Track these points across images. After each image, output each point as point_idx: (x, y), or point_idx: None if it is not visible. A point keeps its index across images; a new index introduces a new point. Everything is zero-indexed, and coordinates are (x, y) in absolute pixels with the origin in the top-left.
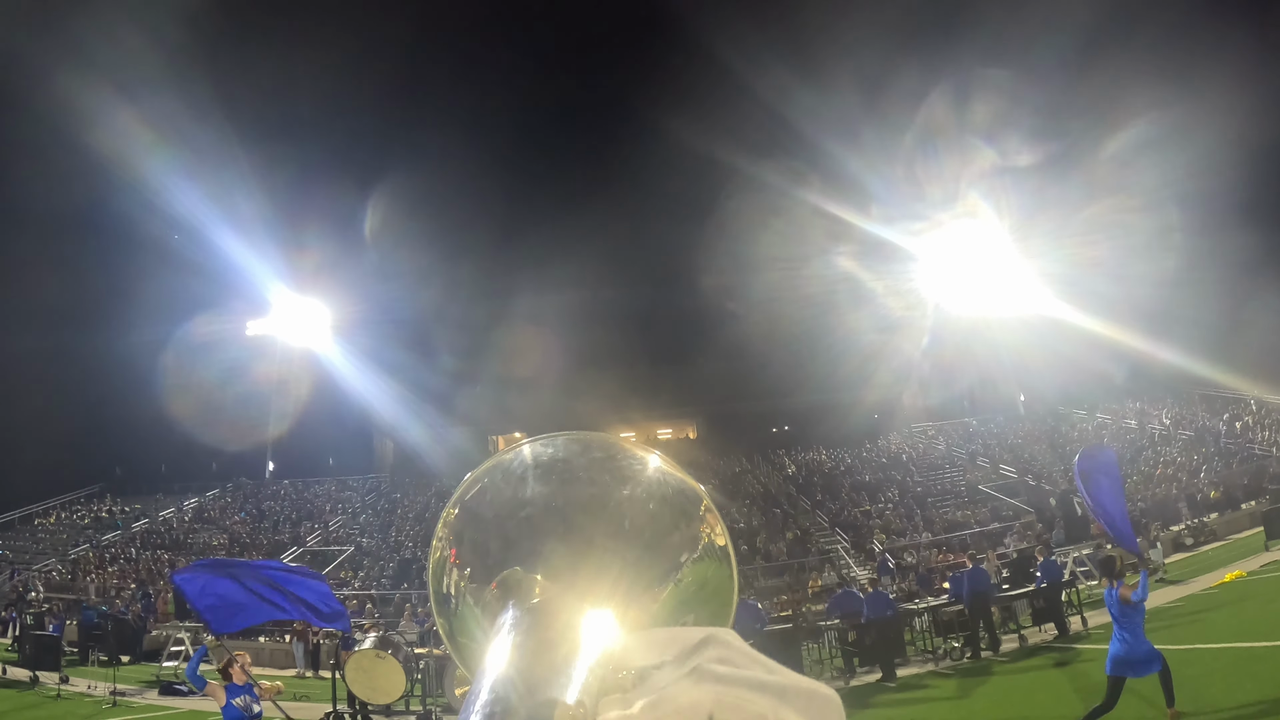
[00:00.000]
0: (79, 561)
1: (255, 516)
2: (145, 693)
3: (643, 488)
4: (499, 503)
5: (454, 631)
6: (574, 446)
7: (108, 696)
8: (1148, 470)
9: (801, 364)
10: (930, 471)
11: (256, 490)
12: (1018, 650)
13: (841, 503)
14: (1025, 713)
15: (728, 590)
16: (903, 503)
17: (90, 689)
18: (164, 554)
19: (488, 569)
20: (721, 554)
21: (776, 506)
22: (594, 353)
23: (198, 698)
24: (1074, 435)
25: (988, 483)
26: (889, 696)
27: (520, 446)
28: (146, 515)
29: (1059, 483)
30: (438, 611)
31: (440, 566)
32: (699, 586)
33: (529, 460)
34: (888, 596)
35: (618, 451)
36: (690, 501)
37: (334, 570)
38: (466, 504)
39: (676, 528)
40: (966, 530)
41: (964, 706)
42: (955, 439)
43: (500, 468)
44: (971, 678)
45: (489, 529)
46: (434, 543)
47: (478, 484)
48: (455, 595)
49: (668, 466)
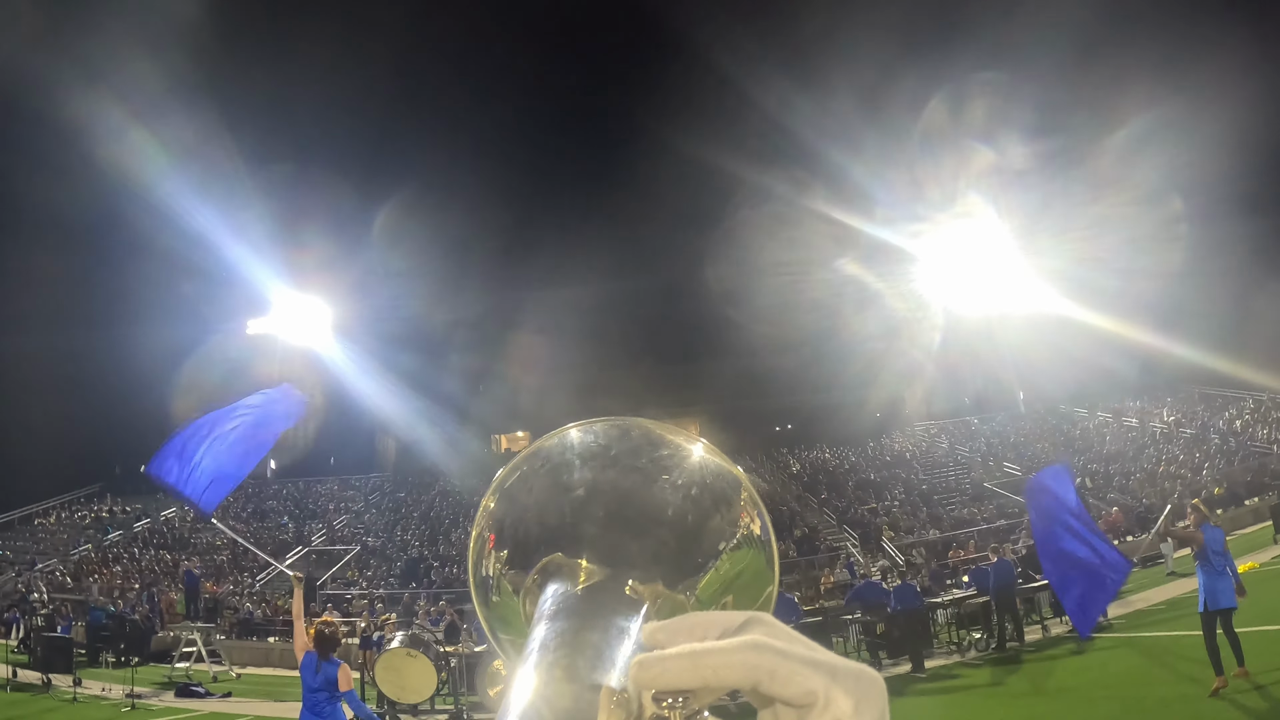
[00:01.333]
0: (81, 562)
1: (257, 516)
2: (161, 695)
3: (683, 474)
4: (539, 489)
5: (493, 620)
6: (614, 432)
7: (125, 699)
8: (1150, 468)
9: (804, 363)
10: (934, 470)
11: (259, 490)
12: (1041, 640)
13: (848, 500)
14: (1058, 699)
15: (767, 577)
16: (909, 500)
17: (105, 691)
18: (167, 554)
19: (528, 556)
20: (762, 541)
21: (783, 504)
22: (598, 352)
23: (216, 700)
24: (1076, 434)
25: (992, 480)
26: (921, 686)
27: (564, 432)
28: (148, 515)
29: None
30: (478, 600)
31: (480, 554)
32: (739, 573)
33: (570, 446)
34: (915, 588)
35: (658, 438)
36: (731, 488)
37: (340, 570)
38: (507, 490)
39: (717, 513)
40: (974, 527)
41: (999, 694)
42: (958, 437)
43: (541, 455)
44: (1001, 667)
45: (529, 516)
46: (474, 531)
47: (517, 471)
48: (495, 583)
49: (708, 453)
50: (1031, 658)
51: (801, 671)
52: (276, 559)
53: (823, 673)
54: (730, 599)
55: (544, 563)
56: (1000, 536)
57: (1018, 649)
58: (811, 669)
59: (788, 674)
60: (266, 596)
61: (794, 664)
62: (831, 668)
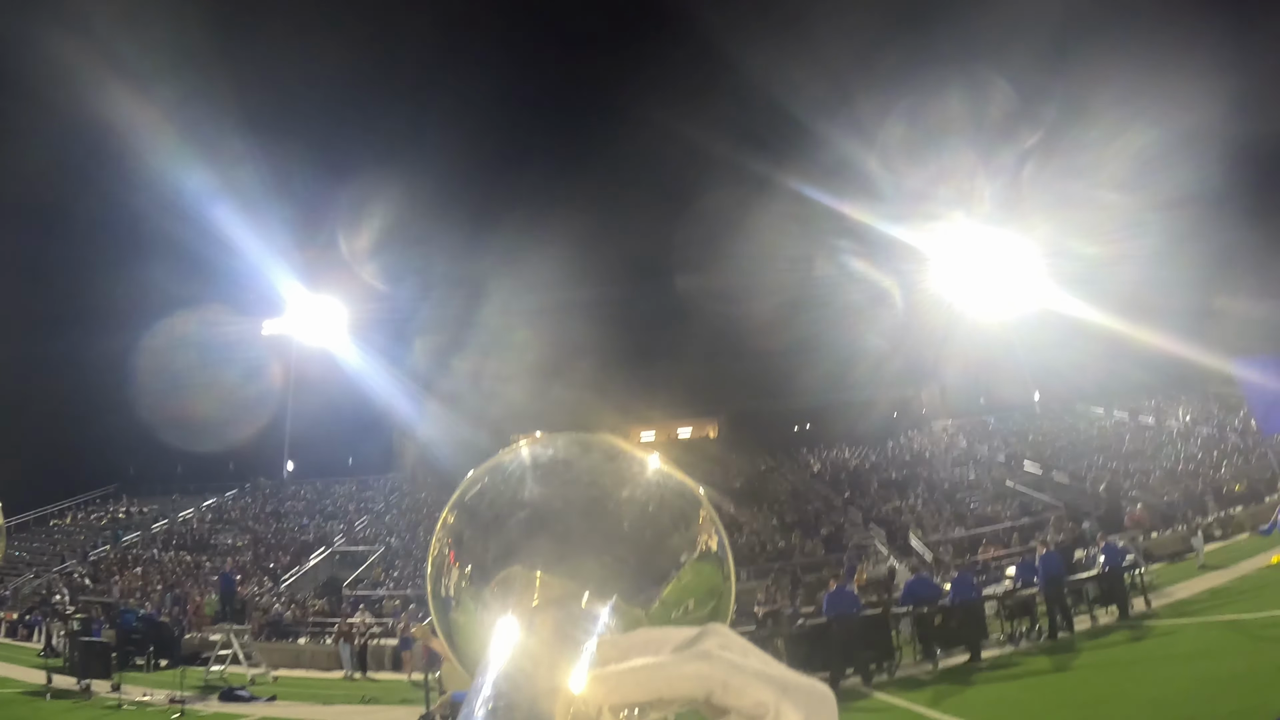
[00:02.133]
0: (100, 563)
1: (275, 516)
2: (206, 699)
3: (642, 489)
4: (499, 503)
5: (453, 631)
6: (574, 448)
7: (170, 705)
8: (1170, 466)
9: (821, 364)
10: (954, 468)
11: (276, 490)
12: (1090, 629)
13: (872, 499)
14: (1120, 682)
15: (724, 592)
16: (932, 499)
17: (147, 697)
18: (187, 555)
19: (487, 569)
20: (719, 557)
21: (808, 503)
22: (615, 354)
23: (263, 704)
24: (1093, 433)
25: (1013, 479)
26: (983, 675)
27: (519, 448)
28: (165, 516)
29: (1085, 477)
30: (436, 612)
31: (439, 567)
32: (697, 588)
33: (528, 461)
34: (972, 579)
35: (618, 453)
36: (689, 504)
37: (366, 570)
38: (465, 504)
39: (675, 529)
40: (998, 525)
41: (1063, 680)
42: (976, 436)
43: (499, 469)
44: (1057, 654)
45: (488, 529)
46: (433, 543)
47: (477, 484)
48: (454, 595)
49: (667, 469)
50: (1087, 645)
51: (753, 684)
52: (299, 560)
53: (774, 686)
54: (687, 613)
55: (501, 575)
56: (1026, 534)
57: (1070, 638)
58: (764, 682)
59: (740, 686)
60: (295, 597)
61: (746, 676)
62: (783, 681)
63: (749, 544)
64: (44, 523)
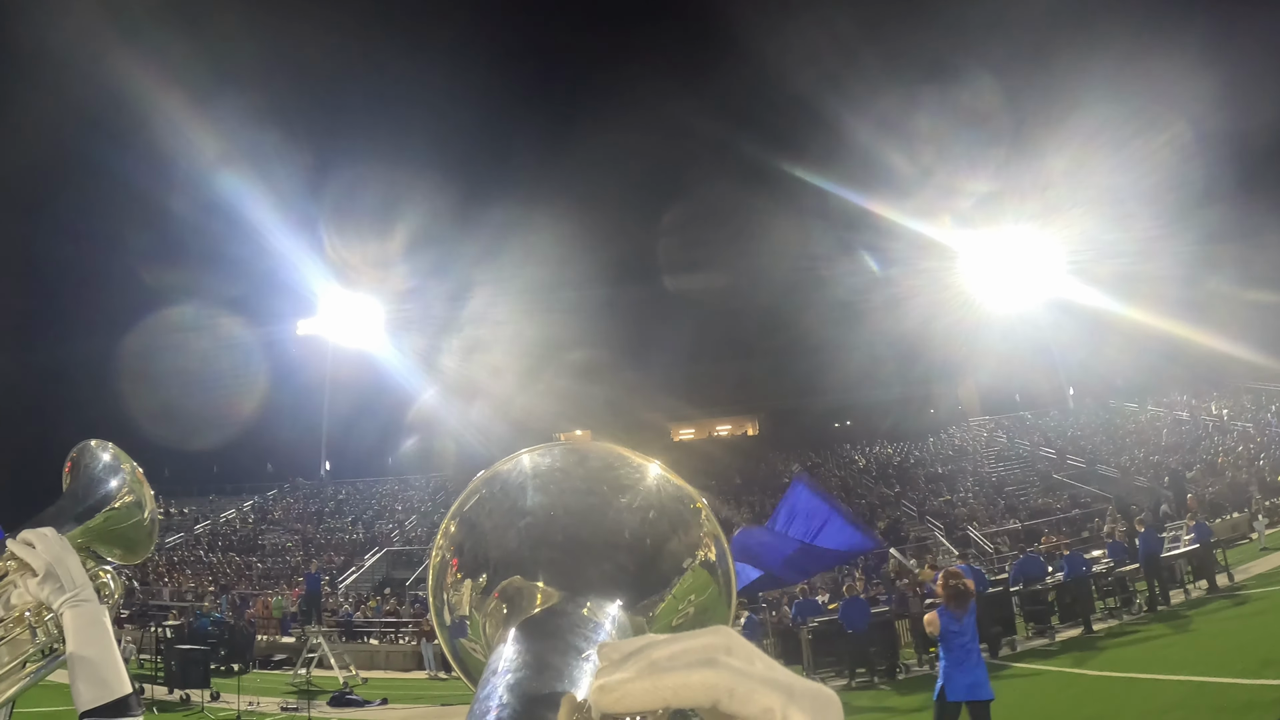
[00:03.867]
0: (145, 565)
1: (319, 516)
2: (315, 704)
3: (642, 496)
4: (498, 513)
5: (455, 642)
6: (572, 457)
7: (283, 712)
8: (1209, 459)
9: (857, 361)
10: (998, 462)
11: (318, 490)
12: (1184, 601)
13: (922, 493)
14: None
15: (726, 597)
16: (982, 492)
17: (253, 706)
18: (235, 556)
19: (489, 580)
20: (719, 561)
21: (860, 497)
22: (656, 352)
23: (377, 707)
24: (1130, 427)
25: (1058, 472)
26: (1106, 643)
27: (519, 457)
28: (207, 517)
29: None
30: (438, 623)
31: (440, 578)
32: (699, 593)
33: (527, 470)
34: (1083, 556)
35: (616, 460)
36: (689, 511)
37: (425, 571)
38: (465, 515)
39: (675, 535)
40: (1051, 516)
41: (1183, 641)
42: (1015, 431)
43: (499, 479)
44: (1166, 622)
45: (488, 540)
46: (433, 554)
47: (475, 495)
48: (456, 606)
49: (667, 474)
50: (1191, 612)
51: (759, 690)
52: (353, 560)
53: (780, 691)
54: (689, 620)
55: (503, 585)
56: (1078, 525)
57: (1165, 610)
58: (769, 688)
59: (746, 693)
60: (362, 596)
61: (752, 683)
62: (789, 687)
63: None
64: None
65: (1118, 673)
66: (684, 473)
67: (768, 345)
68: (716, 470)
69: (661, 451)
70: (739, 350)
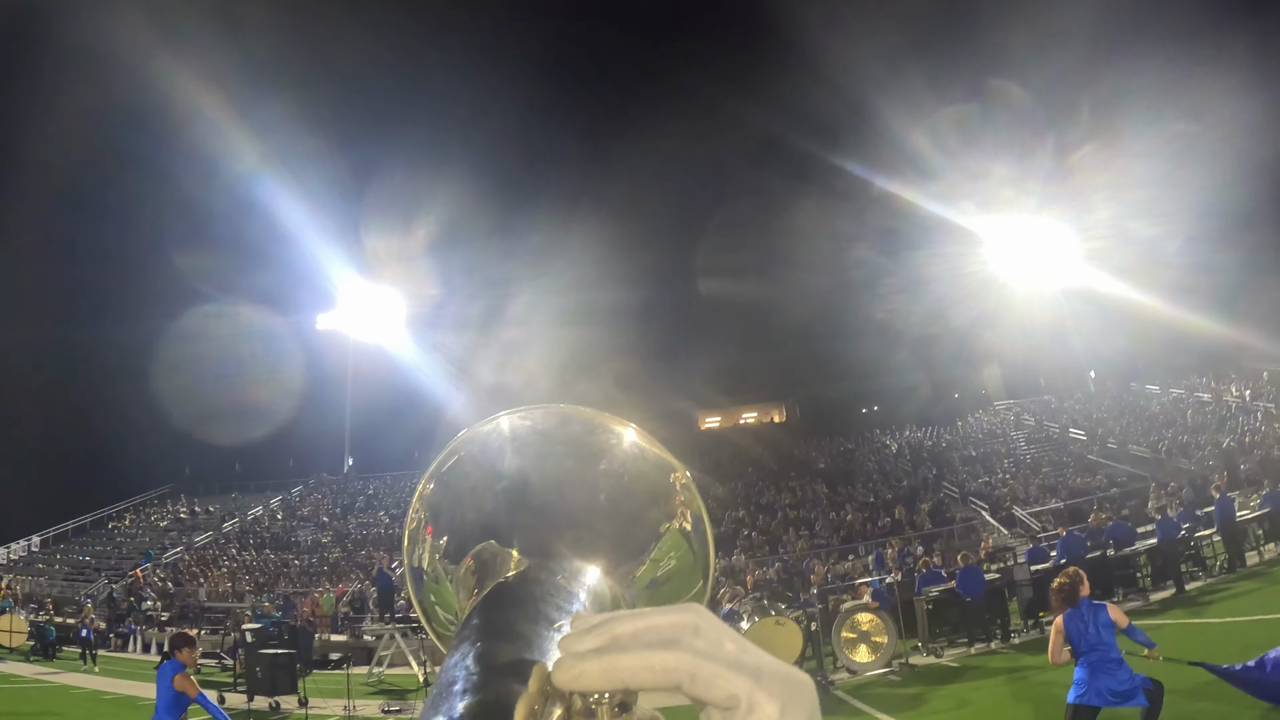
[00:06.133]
0: (177, 564)
1: (348, 511)
2: (405, 704)
3: (620, 462)
4: (475, 476)
5: (427, 606)
6: (552, 419)
7: (385, 714)
8: (1236, 438)
9: (881, 348)
10: (1030, 445)
11: (345, 485)
12: (1259, 563)
13: (960, 475)
14: None
15: (704, 566)
16: (1019, 473)
17: (349, 710)
18: (270, 553)
19: (462, 543)
20: (697, 529)
21: (899, 481)
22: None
23: None
24: (1155, 409)
25: (1091, 453)
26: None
27: (498, 419)
28: (233, 514)
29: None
30: (412, 586)
31: (415, 541)
32: (676, 563)
33: (506, 433)
34: (1175, 521)
35: (596, 425)
36: (668, 478)
37: None
38: (442, 476)
39: (654, 502)
40: (1091, 495)
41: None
42: (1042, 414)
43: (477, 440)
44: (1253, 579)
45: (464, 502)
46: (409, 515)
47: (454, 456)
48: (429, 569)
49: (644, 441)
50: (1273, 570)
51: (723, 675)
52: (392, 555)
53: (746, 675)
54: (665, 586)
55: (477, 549)
56: (1118, 503)
57: (1244, 571)
58: (734, 671)
59: (709, 678)
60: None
61: (715, 667)
62: (756, 670)
63: (855, 520)
64: (102, 525)
65: (1238, 618)
66: (714, 460)
67: (793, 333)
68: (750, 457)
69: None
70: (765, 339)
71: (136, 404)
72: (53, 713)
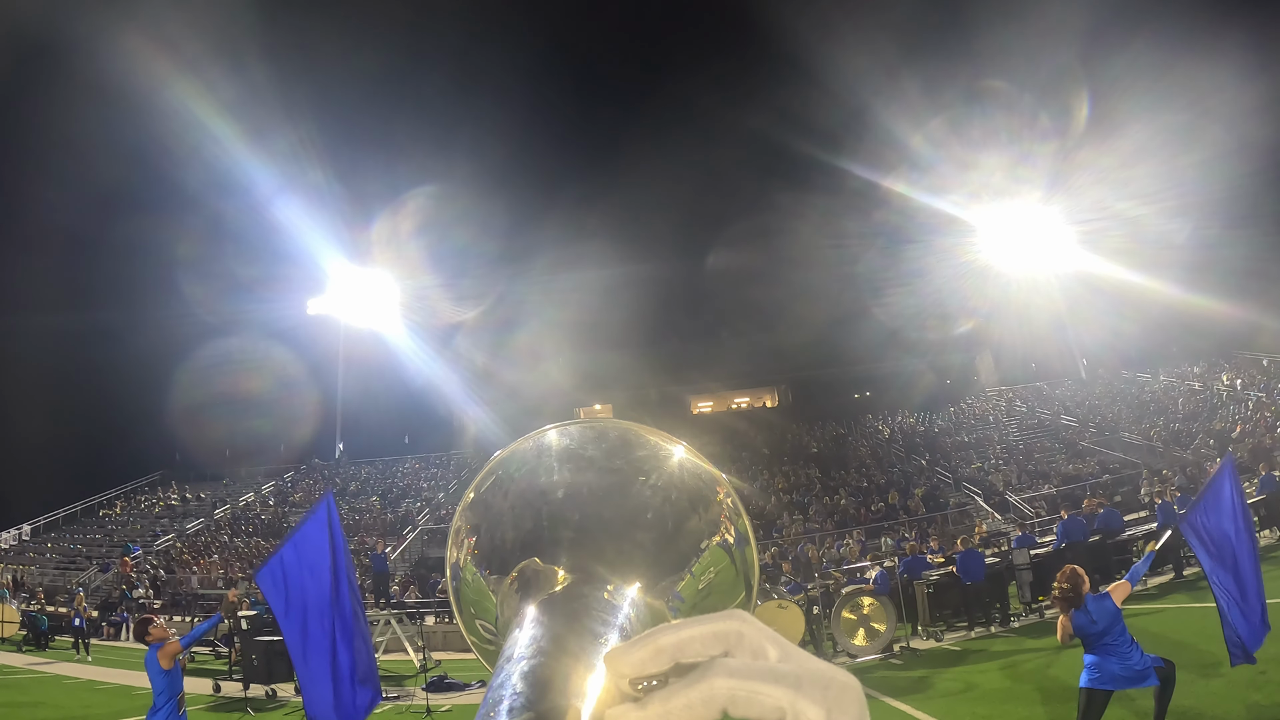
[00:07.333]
0: (169, 551)
1: (341, 496)
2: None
3: (661, 475)
4: (515, 494)
5: (472, 624)
6: (590, 434)
7: (386, 702)
8: (1225, 426)
9: (873, 333)
10: (1021, 431)
11: (337, 471)
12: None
13: (953, 461)
14: None
15: (745, 579)
16: (1012, 459)
17: None
18: (260, 540)
19: (505, 561)
20: (740, 540)
21: (891, 466)
22: (674, 325)
23: (478, 688)
24: (1146, 397)
25: (1083, 440)
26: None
27: (539, 435)
28: (224, 501)
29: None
30: (456, 606)
31: (459, 548)
32: (720, 574)
33: (545, 450)
34: (1174, 509)
35: (635, 439)
36: (710, 489)
37: None
38: (482, 495)
39: (695, 514)
40: (1084, 481)
41: None
42: (1034, 401)
43: (515, 458)
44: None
45: (505, 520)
46: (450, 535)
47: (492, 475)
48: (471, 580)
49: (687, 453)
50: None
51: (761, 690)
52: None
53: (786, 685)
54: (709, 601)
55: (520, 567)
56: (1110, 489)
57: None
58: (772, 684)
59: (748, 698)
60: (408, 577)
61: (752, 684)
62: (796, 678)
63: (849, 505)
64: (92, 514)
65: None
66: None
67: (785, 318)
68: (743, 442)
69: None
70: (756, 323)
71: (127, 391)
72: (48, 703)
